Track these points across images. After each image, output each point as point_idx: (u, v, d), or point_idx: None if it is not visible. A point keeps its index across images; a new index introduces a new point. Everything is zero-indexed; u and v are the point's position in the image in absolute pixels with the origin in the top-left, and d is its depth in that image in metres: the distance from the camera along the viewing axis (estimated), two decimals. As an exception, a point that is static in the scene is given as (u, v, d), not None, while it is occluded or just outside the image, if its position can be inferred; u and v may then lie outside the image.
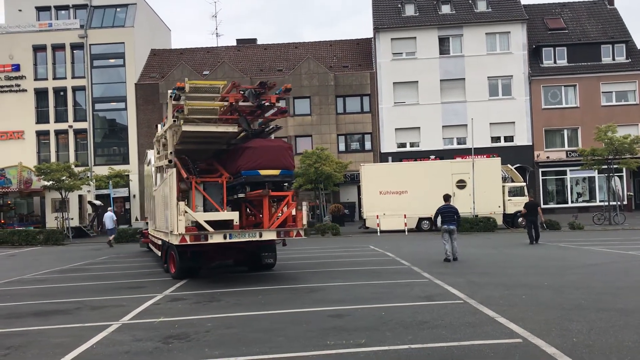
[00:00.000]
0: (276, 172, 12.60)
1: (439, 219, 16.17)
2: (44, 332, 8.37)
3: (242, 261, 15.19)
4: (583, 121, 40.17)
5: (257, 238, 12.57)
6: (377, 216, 29.13)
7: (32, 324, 9.00)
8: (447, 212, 16.12)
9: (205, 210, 12.97)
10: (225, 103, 12.82)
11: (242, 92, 12.97)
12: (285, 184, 13.31)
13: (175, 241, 12.37)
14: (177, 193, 12.62)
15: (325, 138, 41.27)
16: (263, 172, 12.50)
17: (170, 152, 13.59)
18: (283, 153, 12.87)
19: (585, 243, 20.68)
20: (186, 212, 12.19)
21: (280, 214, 13.08)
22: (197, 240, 12.17)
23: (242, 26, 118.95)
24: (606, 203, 32.33)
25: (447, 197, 16.72)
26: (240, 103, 12.90)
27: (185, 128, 12.64)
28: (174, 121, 12.82)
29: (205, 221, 12.42)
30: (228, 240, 12.35)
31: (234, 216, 12.63)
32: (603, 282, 11.41)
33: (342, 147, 41.97)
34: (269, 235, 12.65)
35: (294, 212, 13.21)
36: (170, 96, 12.98)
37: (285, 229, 12.71)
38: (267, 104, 13.14)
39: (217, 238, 12.24)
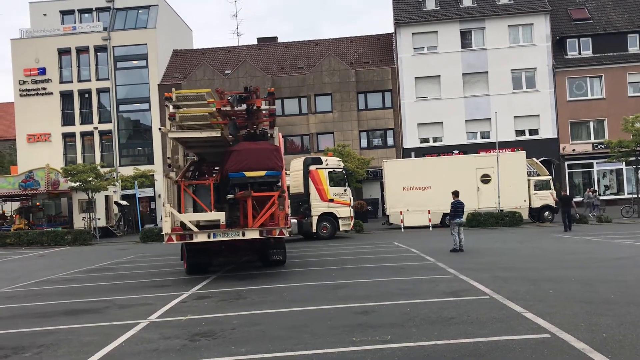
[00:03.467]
0: (261, 173, 13.10)
1: (453, 213, 17.69)
2: (74, 330, 8.52)
3: (258, 257, 15.58)
4: (609, 113, 39.43)
5: (240, 237, 13.05)
6: (401, 212, 28.99)
7: (63, 322, 9.17)
8: (460, 207, 17.67)
9: (195, 211, 13.59)
10: (213, 109, 13.40)
11: (228, 99, 13.44)
12: (278, 184, 13.75)
13: (164, 240, 13.07)
14: (166, 195, 13.33)
15: (347, 135, 41.19)
16: (248, 173, 13.06)
17: (168, 157, 14.40)
18: (268, 155, 13.31)
19: (613, 236, 20.35)
20: (172, 213, 12.96)
21: (275, 214, 13.62)
22: (183, 239, 13.04)
23: (263, 25, 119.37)
24: (634, 195, 31.74)
25: (457, 193, 18.09)
26: (228, 108, 13.46)
27: (171, 135, 13.61)
28: (159, 129, 13.67)
29: (197, 221, 13.20)
30: (212, 239, 12.97)
31: (220, 216, 13.19)
32: (632, 276, 11.22)
33: (364, 143, 41.83)
34: (252, 234, 13.07)
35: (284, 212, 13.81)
36: (166, 105, 13.64)
37: (267, 228, 13.15)
38: (254, 108, 13.63)
39: (201, 237, 12.93)
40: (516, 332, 7.07)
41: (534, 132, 40.60)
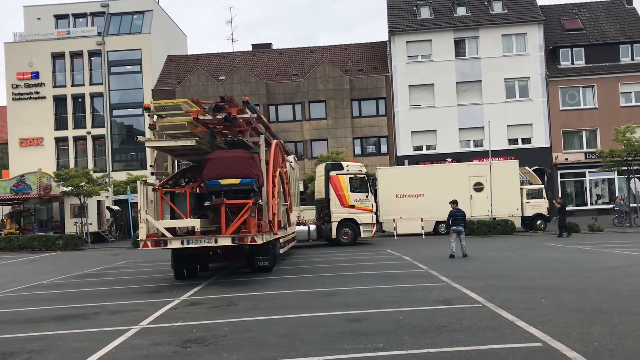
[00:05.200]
0: (236, 181, 13.30)
1: (450, 221, 18.07)
2: (64, 336, 8.45)
3: (248, 264, 15.69)
4: (602, 122, 39.70)
5: (213, 244, 13.29)
6: (394, 220, 29.01)
7: (53, 328, 9.10)
8: (457, 215, 17.93)
9: (172, 218, 13.90)
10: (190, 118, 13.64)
11: (204, 108, 13.72)
12: (256, 191, 13.90)
13: (140, 246, 13.50)
14: (142, 202, 13.65)
15: (340, 142, 41.24)
16: (223, 181, 13.30)
17: (151, 165, 14.98)
18: (243, 163, 13.50)
19: (605, 245, 20.43)
20: (147, 219, 13.35)
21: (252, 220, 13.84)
22: (158, 246, 13.41)
23: (258, 33, 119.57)
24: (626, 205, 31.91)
25: (456, 202, 18.48)
26: (207, 117, 13.70)
27: (148, 144, 14.11)
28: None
29: (172, 227, 13.54)
30: (186, 245, 13.27)
31: (195, 223, 13.43)
32: (624, 285, 11.24)
33: (357, 150, 41.87)
34: (224, 242, 13.28)
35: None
36: (149, 115, 13.99)
37: (239, 235, 13.28)
38: (231, 116, 13.79)
39: (175, 243, 13.31)
40: (508, 341, 7.06)
41: (526, 141, 40.79)
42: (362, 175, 25.94)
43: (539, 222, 29.56)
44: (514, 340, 7.07)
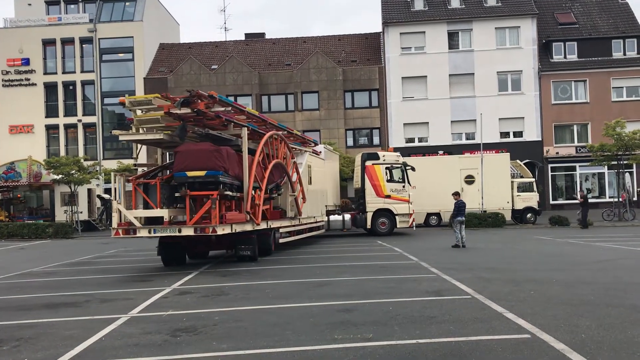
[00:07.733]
0: (202, 173, 13.71)
1: (455, 212, 18.71)
2: (54, 324, 8.43)
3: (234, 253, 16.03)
4: (593, 117, 39.88)
5: (177, 233, 13.79)
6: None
7: (42, 316, 9.07)
8: (462, 206, 18.83)
9: (145, 208, 14.38)
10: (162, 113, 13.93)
11: (174, 103, 13.96)
12: (225, 184, 14.15)
13: (112, 234, 14.10)
14: (114, 192, 14.30)
15: (333, 133, 41.21)
16: (190, 173, 13.78)
17: (134, 157, 15.70)
18: (208, 155, 13.87)
19: (595, 239, 20.59)
20: (119, 209, 13.96)
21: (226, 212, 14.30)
22: (128, 234, 13.94)
23: (251, 22, 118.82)
24: (615, 199, 32.12)
25: (458, 194, 19.31)
26: (177, 111, 13.93)
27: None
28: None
29: (144, 217, 14.11)
30: (152, 234, 13.92)
31: (164, 213, 13.98)
32: (612, 278, 11.35)
33: (350, 142, 41.90)
34: (187, 232, 13.72)
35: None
36: (130, 109, 14.42)
37: (201, 226, 13.65)
38: (199, 110, 13.96)
39: (143, 232, 13.86)
40: (497, 332, 7.11)
41: (518, 134, 40.94)
42: (399, 166, 25.68)
43: (529, 215, 29.75)
44: (502, 332, 7.13)
